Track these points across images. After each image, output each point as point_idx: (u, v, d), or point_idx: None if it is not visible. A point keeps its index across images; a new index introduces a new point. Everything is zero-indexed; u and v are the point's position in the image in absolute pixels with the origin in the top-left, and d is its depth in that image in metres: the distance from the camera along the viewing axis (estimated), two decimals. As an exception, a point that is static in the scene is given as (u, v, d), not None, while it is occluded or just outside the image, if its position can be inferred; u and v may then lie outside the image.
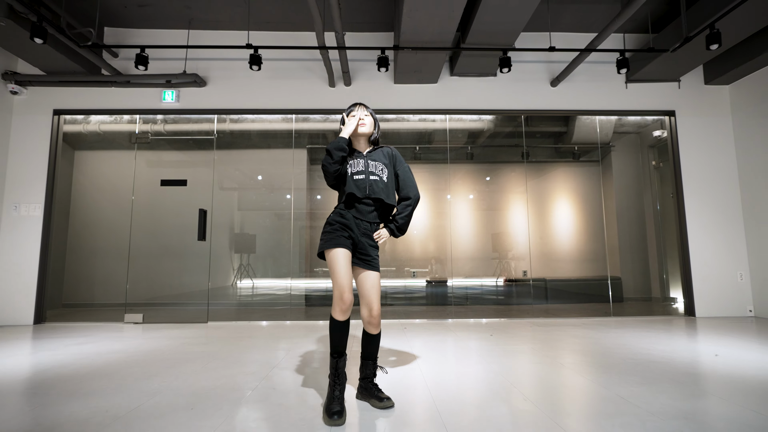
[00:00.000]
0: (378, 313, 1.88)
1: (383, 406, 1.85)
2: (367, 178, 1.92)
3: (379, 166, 1.95)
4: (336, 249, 1.82)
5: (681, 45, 3.82)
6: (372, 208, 1.93)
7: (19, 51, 4.17)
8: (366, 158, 1.96)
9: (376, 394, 1.90)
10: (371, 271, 1.89)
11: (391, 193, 1.96)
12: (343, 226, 1.88)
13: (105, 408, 1.88)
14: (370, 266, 1.90)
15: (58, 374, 2.45)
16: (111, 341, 3.49)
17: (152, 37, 4.79)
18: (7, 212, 4.50)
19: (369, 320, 1.89)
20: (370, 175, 1.92)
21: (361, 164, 1.93)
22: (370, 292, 1.87)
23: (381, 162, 1.97)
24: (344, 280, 1.78)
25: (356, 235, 1.89)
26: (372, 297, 1.87)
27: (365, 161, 1.95)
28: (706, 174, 4.82)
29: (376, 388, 1.94)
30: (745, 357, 2.77)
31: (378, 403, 1.87)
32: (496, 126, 5.77)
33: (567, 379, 2.29)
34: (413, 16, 3.53)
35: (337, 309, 1.79)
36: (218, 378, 2.35)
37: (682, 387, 2.12)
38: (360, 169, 1.92)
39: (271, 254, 5.73)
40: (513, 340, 3.41)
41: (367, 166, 1.93)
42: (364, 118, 1.99)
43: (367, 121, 1.99)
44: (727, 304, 4.63)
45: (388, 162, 1.99)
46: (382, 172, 1.95)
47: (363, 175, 1.92)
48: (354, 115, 1.99)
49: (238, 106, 4.78)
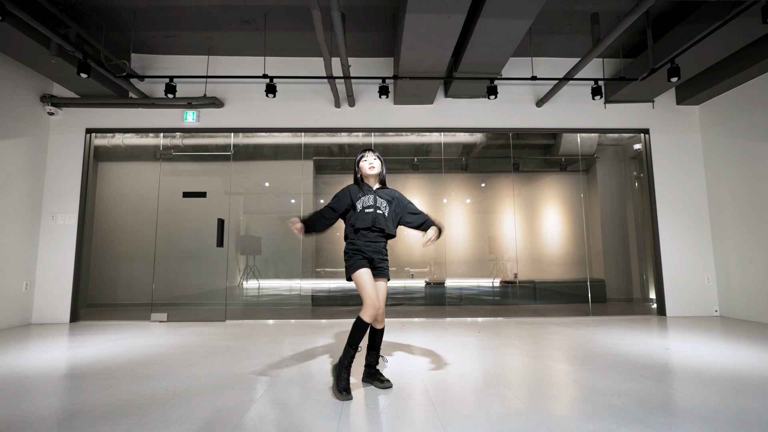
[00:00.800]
0: (383, 312, 2.38)
1: (383, 387, 2.35)
2: (375, 212, 2.40)
3: (384, 202, 2.45)
4: (359, 270, 2.31)
5: (648, 75, 4.31)
6: (376, 234, 2.41)
7: (59, 79, 4.68)
8: (375, 194, 2.46)
9: (378, 378, 2.40)
10: (381, 280, 2.41)
11: (391, 225, 2.45)
12: (357, 251, 2.37)
13: (164, 387, 2.37)
14: (382, 275, 2.41)
15: (112, 363, 2.94)
16: (146, 337, 3.99)
17: (175, 62, 5.29)
18: (45, 222, 5.00)
19: (376, 317, 2.39)
20: (377, 209, 2.41)
21: (371, 200, 2.43)
22: (379, 295, 2.38)
23: (385, 199, 2.46)
24: (373, 293, 2.27)
25: (369, 254, 2.37)
26: (380, 299, 2.37)
27: (374, 197, 2.44)
28: (677, 186, 5.31)
29: (378, 372, 2.43)
30: (694, 350, 3.26)
31: (380, 384, 2.36)
32: (487, 140, 6.26)
33: (534, 367, 2.79)
34: (410, 53, 4.02)
35: (368, 314, 2.26)
36: (248, 366, 2.84)
37: (625, 373, 2.62)
38: (370, 204, 2.42)
39: (281, 257, 6.23)
40: (499, 336, 3.91)
41: (375, 201, 2.43)
42: (374, 162, 2.49)
43: (375, 165, 2.48)
44: (695, 305, 5.12)
45: (391, 200, 2.49)
46: (386, 208, 2.44)
47: (371, 209, 2.41)
48: (365, 159, 2.50)
49: (252, 125, 5.28)
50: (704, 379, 2.47)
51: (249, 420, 1.88)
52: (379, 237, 2.41)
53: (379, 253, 2.40)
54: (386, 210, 2.44)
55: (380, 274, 2.39)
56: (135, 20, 4.56)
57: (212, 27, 4.75)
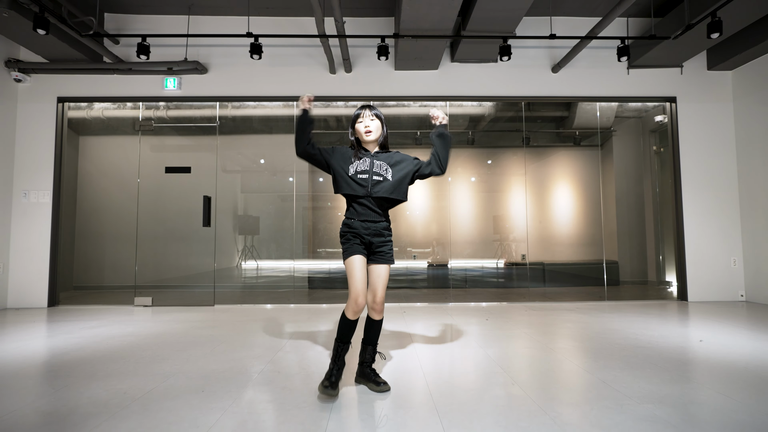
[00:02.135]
0: (381, 300, 2.01)
1: (379, 390, 1.99)
2: (370, 178, 2.02)
3: (384, 166, 2.04)
4: (351, 257, 1.97)
5: (683, 32, 3.80)
6: (373, 206, 2.03)
7: (22, 40, 4.20)
8: (372, 158, 2.06)
9: (374, 379, 2.04)
10: (382, 264, 2.04)
11: (398, 190, 2.04)
12: (354, 235, 2.01)
13: (123, 390, 2.02)
14: (382, 260, 2.04)
15: (76, 357, 2.60)
16: (123, 324, 3.65)
17: (153, 22, 4.78)
18: (17, 200, 4.61)
19: (372, 305, 2.02)
20: (373, 175, 2.02)
21: (367, 163, 2.04)
22: (377, 281, 2.01)
23: (386, 163, 2.06)
24: (359, 285, 1.93)
25: (367, 239, 2.02)
26: (377, 285, 2.01)
27: (371, 161, 2.05)
28: (705, 160, 4.85)
29: (374, 372, 2.07)
30: (730, 342, 2.89)
31: (375, 386, 2.01)
32: (497, 111, 5.77)
33: (554, 364, 2.42)
34: (413, 5, 3.52)
35: (350, 311, 1.95)
36: (226, 361, 2.50)
37: (661, 372, 2.25)
38: (364, 169, 2.02)
39: (274, 237, 5.87)
40: (507, 324, 3.55)
41: (371, 166, 2.03)
42: (370, 125, 2.07)
43: (372, 127, 2.07)
44: (719, 289, 4.74)
45: (393, 163, 2.07)
46: (386, 172, 2.04)
47: (366, 174, 2.02)
48: (360, 121, 2.08)
49: (239, 93, 4.81)
50: (750, 381, 2.10)
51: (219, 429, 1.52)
52: (378, 216, 2.03)
53: (380, 235, 2.04)
54: (388, 174, 2.04)
55: (381, 259, 2.04)
56: (103, -28, 4.05)
57: (191, -19, 4.23)
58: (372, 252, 2.04)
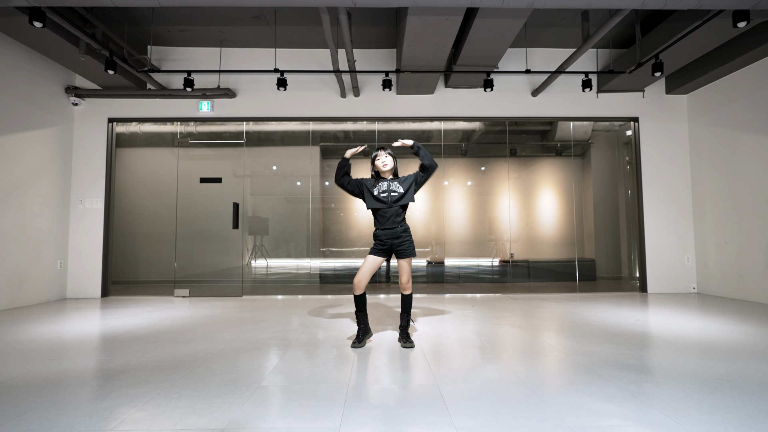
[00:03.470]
0: (405, 282, 2.89)
1: (405, 346, 2.83)
2: (389, 195, 2.89)
3: (397, 185, 2.92)
4: (368, 255, 2.89)
5: (635, 69, 4.59)
6: (394, 212, 2.87)
7: (83, 72, 5.00)
8: (389, 182, 2.93)
9: (403, 339, 2.89)
10: (402, 259, 2.90)
11: (407, 195, 2.90)
12: (380, 242, 2.89)
13: (202, 348, 2.82)
14: (402, 256, 2.89)
15: (152, 330, 3.40)
16: (173, 310, 4.45)
17: (189, 53, 5.58)
18: (75, 206, 5.41)
19: (401, 286, 2.92)
20: (391, 192, 2.90)
21: (385, 186, 2.91)
22: (401, 270, 2.90)
23: (399, 183, 2.93)
24: (363, 275, 2.83)
25: (388, 243, 2.87)
26: (401, 273, 2.90)
27: (388, 184, 2.92)
28: (663, 172, 5.64)
29: (404, 333, 2.91)
30: (681, 323, 3.67)
31: (403, 344, 2.86)
32: (486, 127, 6.56)
33: (514, 333, 3.22)
34: (412, 49, 4.31)
35: (354, 289, 2.86)
36: (270, 333, 3.29)
37: (592, 338, 3.04)
38: (385, 189, 2.90)
39: (290, 237, 6.65)
40: (491, 310, 4.35)
41: (388, 187, 2.91)
42: (386, 160, 2.93)
43: (388, 162, 2.93)
44: (675, 283, 5.53)
45: (404, 181, 2.93)
46: (398, 188, 2.91)
47: (386, 193, 2.90)
48: (379, 158, 2.95)
49: (263, 114, 5.61)
50: (672, 345, 2.90)
51: (279, 368, 2.32)
52: (394, 223, 2.86)
53: (397, 238, 2.87)
54: (399, 189, 2.90)
55: (401, 255, 2.89)
56: (153, 16, 4.84)
57: (225, 21, 5.03)
58: (395, 251, 2.89)
